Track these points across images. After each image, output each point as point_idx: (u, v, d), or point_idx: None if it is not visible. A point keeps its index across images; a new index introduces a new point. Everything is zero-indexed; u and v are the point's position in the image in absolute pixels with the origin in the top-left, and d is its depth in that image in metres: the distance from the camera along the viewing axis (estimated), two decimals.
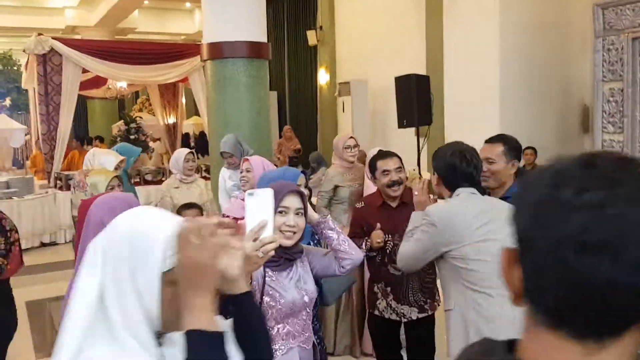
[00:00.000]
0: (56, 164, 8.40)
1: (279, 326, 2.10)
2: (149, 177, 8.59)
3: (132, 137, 9.81)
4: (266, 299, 2.08)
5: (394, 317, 3.17)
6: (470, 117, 7.81)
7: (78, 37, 13.45)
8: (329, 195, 4.57)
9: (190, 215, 3.71)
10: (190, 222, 1.09)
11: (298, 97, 12.18)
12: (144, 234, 1.08)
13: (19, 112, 12.15)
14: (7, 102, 12.14)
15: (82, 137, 14.84)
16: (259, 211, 1.57)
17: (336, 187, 4.52)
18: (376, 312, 3.22)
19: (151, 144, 11.63)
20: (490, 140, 2.85)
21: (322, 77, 11.14)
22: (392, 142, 8.77)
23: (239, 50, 6.49)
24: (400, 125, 7.29)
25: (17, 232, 3.53)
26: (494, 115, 7.67)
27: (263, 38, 6.80)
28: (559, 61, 7.77)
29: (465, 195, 2.44)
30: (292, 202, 2.09)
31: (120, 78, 9.97)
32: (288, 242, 2.07)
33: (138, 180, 8.61)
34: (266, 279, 2.09)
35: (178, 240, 1.06)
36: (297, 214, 2.09)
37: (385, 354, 3.37)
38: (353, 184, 4.54)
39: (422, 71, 8.23)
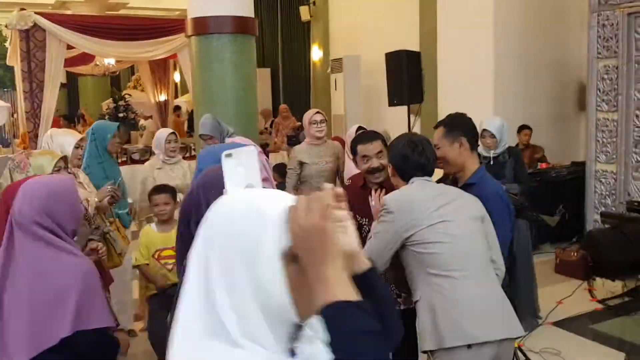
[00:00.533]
0: (40, 142, 8.24)
1: None
2: (136, 157, 8.43)
3: (120, 114, 9.63)
4: None
5: None
6: (464, 94, 7.62)
7: (69, 12, 13.19)
8: (296, 173, 4.47)
9: (161, 200, 3.56)
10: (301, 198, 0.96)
11: (291, 74, 11.99)
12: (249, 216, 0.93)
13: (5, 90, 11.96)
14: None
15: (71, 114, 14.71)
16: (242, 175, 1.24)
17: (302, 164, 4.43)
18: None
19: (142, 122, 11.45)
20: (435, 126, 2.77)
21: (315, 53, 10.93)
22: (385, 119, 8.59)
23: (225, 25, 6.29)
24: (391, 103, 7.12)
25: None
26: (488, 93, 7.49)
27: (250, 13, 6.59)
28: (555, 37, 7.56)
29: (420, 182, 2.46)
30: None
31: (106, 54, 9.75)
32: None
33: (125, 159, 8.47)
34: None
35: (288, 214, 0.93)
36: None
37: None
38: (321, 161, 4.43)
39: (415, 47, 8.02)
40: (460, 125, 2.66)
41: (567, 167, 6.78)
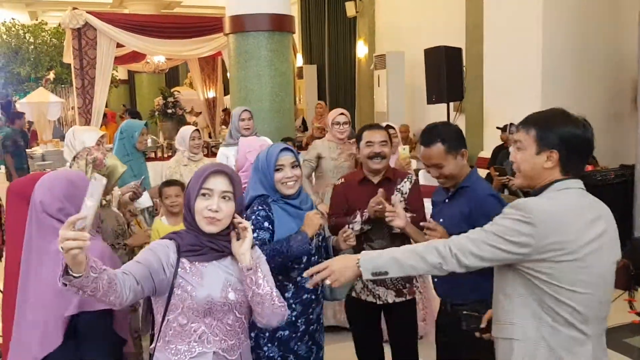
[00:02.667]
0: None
1: (192, 325, 1.88)
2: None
3: (169, 111, 9.84)
4: (177, 291, 1.86)
5: (370, 298, 3.03)
6: (510, 91, 7.38)
7: (126, 11, 13.65)
8: (311, 165, 4.47)
9: (172, 192, 3.61)
10: None
11: (337, 70, 11.95)
12: None
13: (62, 85, 12.48)
14: (51, 75, 12.47)
15: (133, 110, 15.22)
16: (89, 200, 1.54)
17: (320, 158, 4.41)
18: (353, 294, 3.06)
19: (193, 118, 11.70)
20: (426, 143, 2.49)
21: (361, 49, 10.84)
22: (427, 117, 8.43)
23: (261, 23, 6.34)
24: (429, 101, 6.97)
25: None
26: (536, 90, 7.21)
27: (286, 10, 6.60)
28: (609, 31, 7.18)
29: (578, 192, 1.82)
30: (217, 183, 1.89)
31: (154, 52, 10.00)
32: (210, 228, 1.88)
33: (170, 154, 8.64)
34: (179, 269, 1.86)
35: None
36: (223, 197, 1.88)
37: (363, 339, 3.18)
38: (339, 158, 4.40)
39: (460, 43, 7.81)
40: (458, 137, 2.53)
41: (614, 169, 6.43)
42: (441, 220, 2.53)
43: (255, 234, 2.33)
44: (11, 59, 13.31)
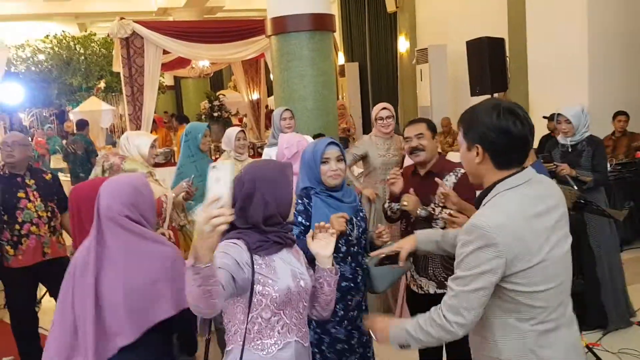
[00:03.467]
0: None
1: (275, 318, 1.94)
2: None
3: (215, 114, 10.08)
4: (258, 287, 1.91)
5: (414, 287, 3.09)
6: (556, 80, 7.26)
7: (170, 18, 14.00)
8: (355, 158, 4.53)
9: None
10: None
11: (379, 67, 11.94)
12: None
13: (113, 93, 12.92)
14: (102, 84, 12.91)
15: (180, 114, 15.62)
16: (217, 185, 1.56)
17: (366, 155, 4.47)
18: (407, 281, 3.19)
19: (245, 119, 11.93)
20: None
21: (402, 44, 10.81)
22: None
23: (302, 23, 6.41)
24: (473, 92, 6.91)
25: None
26: (582, 78, 7.07)
27: (327, 9, 6.66)
28: None
29: (518, 191, 1.75)
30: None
31: (199, 57, 10.24)
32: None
33: (218, 156, 8.84)
34: (255, 266, 1.91)
35: None
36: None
37: None
38: (386, 154, 4.42)
39: (502, 33, 7.71)
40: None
41: None
42: None
43: None
44: (63, 70, 13.84)
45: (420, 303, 3.12)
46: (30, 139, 10.10)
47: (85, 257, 2.12)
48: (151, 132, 9.29)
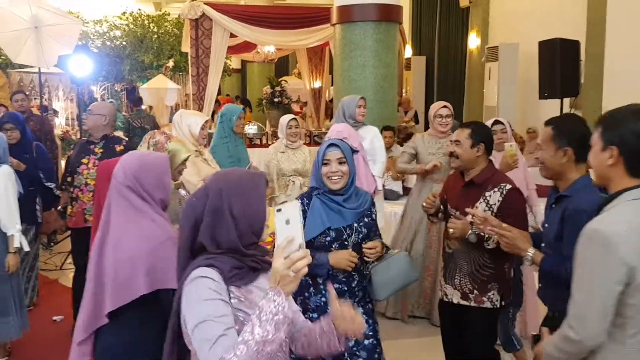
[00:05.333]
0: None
1: None
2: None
3: (275, 100, 10.10)
4: (236, 327, 1.54)
5: (441, 294, 3.08)
6: (635, 90, 6.84)
7: (242, 2, 14.14)
8: (408, 158, 4.46)
9: None
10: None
11: (446, 62, 11.66)
12: None
13: (180, 73, 13.18)
14: (170, 63, 13.19)
15: (244, 98, 15.82)
16: (287, 227, 1.52)
17: (417, 153, 4.35)
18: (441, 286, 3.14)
19: (297, 107, 11.95)
20: (546, 123, 2.40)
21: (473, 41, 10.51)
22: (539, 114, 8.01)
23: (369, 12, 6.32)
24: (542, 96, 6.63)
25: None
26: None
27: (395, 0, 6.52)
28: None
29: None
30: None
31: (264, 42, 10.27)
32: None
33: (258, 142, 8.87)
34: (232, 300, 1.58)
35: None
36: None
37: (443, 334, 3.21)
38: (437, 153, 4.28)
39: (578, 36, 7.34)
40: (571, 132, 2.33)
41: None
42: (546, 225, 2.41)
43: None
44: (136, 47, 14.21)
45: (444, 310, 3.12)
46: None
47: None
48: (212, 113, 9.43)
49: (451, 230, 2.80)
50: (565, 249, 2.14)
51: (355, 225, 2.59)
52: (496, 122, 4.12)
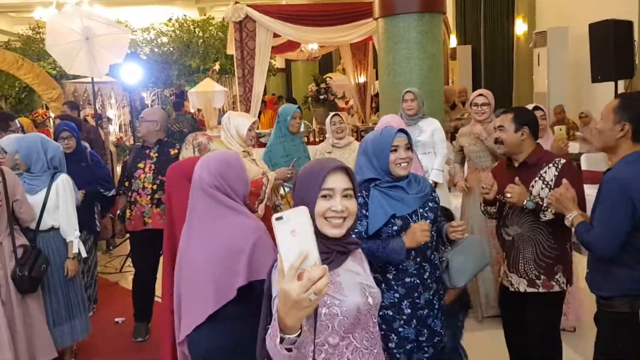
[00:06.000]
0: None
1: (343, 342, 1.67)
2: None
3: (321, 97, 10.15)
4: (323, 310, 1.63)
5: (506, 283, 2.98)
6: None
7: (284, 2, 14.23)
8: (459, 158, 4.46)
9: None
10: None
11: (493, 50, 11.41)
12: None
13: (226, 75, 13.38)
14: (217, 66, 13.40)
15: (289, 97, 15.92)
16: (294, 239, 1.25)
17: (462, 146, 4.31)
18: (500, 277, 3.08)
19: (343, 102, 11.94)
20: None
21: (519, 26, 10.26)
22: (591, 98, 7.75)
23: (411, 4, 6.24)
24: (594, 79, 6.40)
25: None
26: None
27: None
28: None
29: None
30: (337, 182, 1.70)
31: (307, 40, 10.31)
32: (335, 232, 1.69)
33: (322, 138, 8.94)
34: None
35: None
36: (345, 195, 1.70)
37: (506, 325, 3.14)
38: (477, 142, 4.20)
39: (631, 16, 7.05)
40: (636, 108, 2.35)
41: None
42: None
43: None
44: (183, 53, 14.53)
45: (511, 301, 2.99)
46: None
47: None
48: (259, 113, 9.55)
49: (508, 194, 2.75)
50: (594, 215, 2.25)
51: (421, 210, 2.47)
52: (536, 108, 4.13)
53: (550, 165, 2.79)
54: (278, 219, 1.25)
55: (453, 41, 12.25)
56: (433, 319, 2.48)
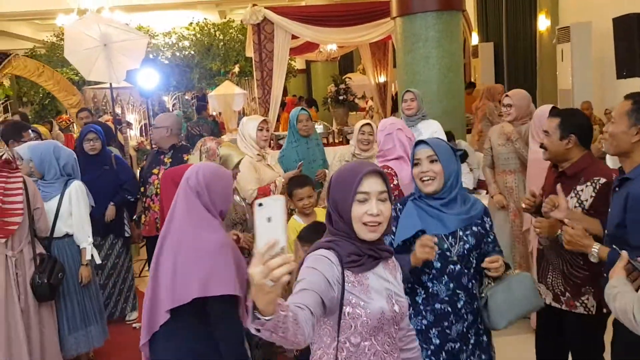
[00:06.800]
0: (271, 125, 9.05)
1: (365, 343, 1.71)
2: (350, 137, 8.73)
3: (340, 97, 10.08)
4: (347, 309, 1.69)
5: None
6: None
7: (303, 3, 14.21)
8: (490, 154, 4.31)
9: (305, 194, 3.38)
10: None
11: (515, 47, 11.21)
12: None
13: (246, 78, 13.41)
14: (236, 68, 13.44)
15: (310, 98, 15.92)
16: (269, 226, 1.30)
17: (492, 147, 4.21)
18: None
19: (370, 102, 11.86)
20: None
21: (542, 22, 10.06)
22: (618, 94, 7.52)
23: (429, 3, 6.17)
24: (619, 75, 6.23)
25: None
26: None
27: None
28: None
29: None
30: (372, 185, 1.71)
31: (325, 41, 10.26)
32: (372, 236, 1.71)
33: (341, 139, 8.88)
34: (345, 284, 1.69)
35: None
36: (380, 199, 1.71)
37: (537, 335, 3.00)
38: (507, 144, 4.09)
39: None
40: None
41: None
42: (609, 210, 2.26)
43: None
44: (204, 56, 14.62)
45: (543, 313, 2.79)
46: None
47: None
48: (279, 115, 9.52)
49: (537, 230, 2.57)
50: (632, 237, 2.03)
51: (460, 233, 2.25)
52: (553, 109, 3.99)
53: (588, 183, 2.56)
54: (259, 205, 1.32)
55: (475, 39, 12.07)
56: (468, 355, 2.26)
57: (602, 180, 2.53)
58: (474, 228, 2.28)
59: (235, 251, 2.29)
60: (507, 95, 4.16)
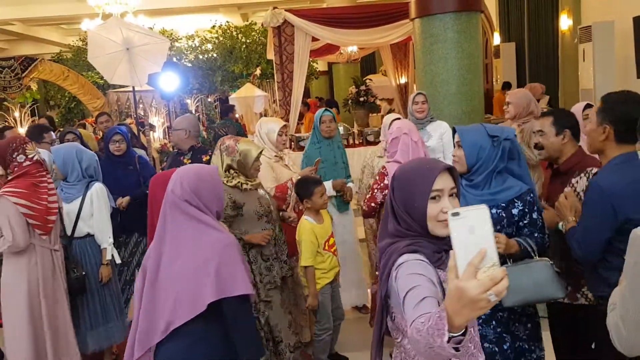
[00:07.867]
0: (290, 127, 9.13)
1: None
2: (370, 138, 8.75)
3: (361, 99, 10.10)
4: None
5: None
6: None
7: (324, 5, 14.25)
8: None
9: (322, 190, 3.47)
10: None
11: (537, 46, 11.12)
12: None
13: (267, 80, 13.50)
14: (257, 71, 13.54)
15: (331, 99, 15.95)
16: (472, 237, 1.20)
17: None
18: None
19: (386, 104, 11.86)
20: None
21: (564, 22, 9.96)
22: None
23: (448, 4, 6.15)
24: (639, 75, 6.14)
25: None
26: None
27: None
28: None
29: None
30: (444, 182, 1.71)
31: (345, 43, 10.29)
32: (447, 232, 1.55)
33: (361, 141, 8.90)
34: (442, 284, 1.63)
35: None
36: (451, 195, 1.72)
37: (554, 331, 3.01)
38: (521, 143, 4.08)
39: None
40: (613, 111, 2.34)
41: None
42: None
43: None
44: (227, 59, 14.77)
45: (551, 303, 2.87)
46: None
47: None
48: (300, 116, 9.57)
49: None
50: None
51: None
52: (587, 105, 3.99)
53: (582, 174, 2.67)
54: (454, 214, 1.22)
55: (497, 39, 12.00)
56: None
57: (594, 169, 2.65)
58: (494, 210, 2.36)
59: (239, 248, 2.29)
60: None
